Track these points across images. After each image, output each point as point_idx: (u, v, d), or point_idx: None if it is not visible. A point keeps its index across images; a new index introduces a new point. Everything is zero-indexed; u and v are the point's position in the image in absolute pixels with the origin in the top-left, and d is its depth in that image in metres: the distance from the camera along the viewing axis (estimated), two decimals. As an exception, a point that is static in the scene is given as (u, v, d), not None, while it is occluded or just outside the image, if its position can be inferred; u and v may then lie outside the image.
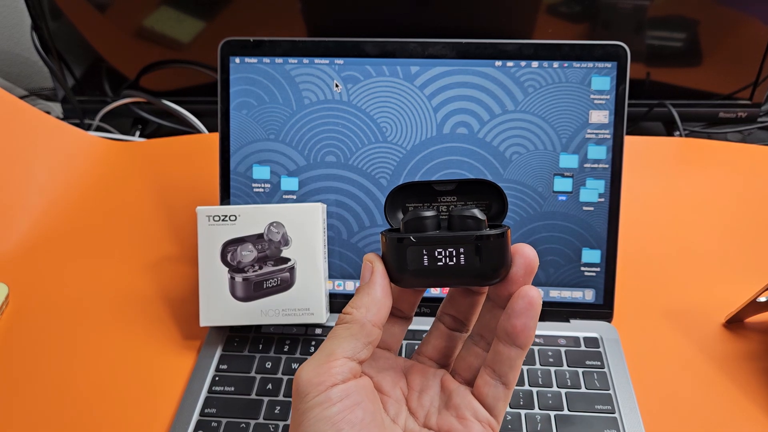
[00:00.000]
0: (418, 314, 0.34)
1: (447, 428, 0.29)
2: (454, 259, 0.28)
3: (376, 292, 0.29)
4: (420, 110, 0.49)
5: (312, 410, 0.26)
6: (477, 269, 0.28)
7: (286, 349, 0.47)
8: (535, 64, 0.48)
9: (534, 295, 0.28)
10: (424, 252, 0.28)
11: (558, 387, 0.44)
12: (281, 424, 0.42)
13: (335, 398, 0.27)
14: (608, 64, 0.47)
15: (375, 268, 0.29)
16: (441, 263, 0.28)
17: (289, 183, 0.50)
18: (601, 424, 0.41)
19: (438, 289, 0.49)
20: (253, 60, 0.49)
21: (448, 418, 0.30)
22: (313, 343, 0.48)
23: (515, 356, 0.28)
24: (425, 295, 0.49)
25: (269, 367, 0.46)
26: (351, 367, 0.28)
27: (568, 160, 0.48)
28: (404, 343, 0.47)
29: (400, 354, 0.44)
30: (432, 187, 0.31)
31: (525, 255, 0.29)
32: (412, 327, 0.39)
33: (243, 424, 0.42)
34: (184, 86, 0.74)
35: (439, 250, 0.28)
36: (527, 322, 0.28)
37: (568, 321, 0.49)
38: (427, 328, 0.34)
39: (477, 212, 0.29)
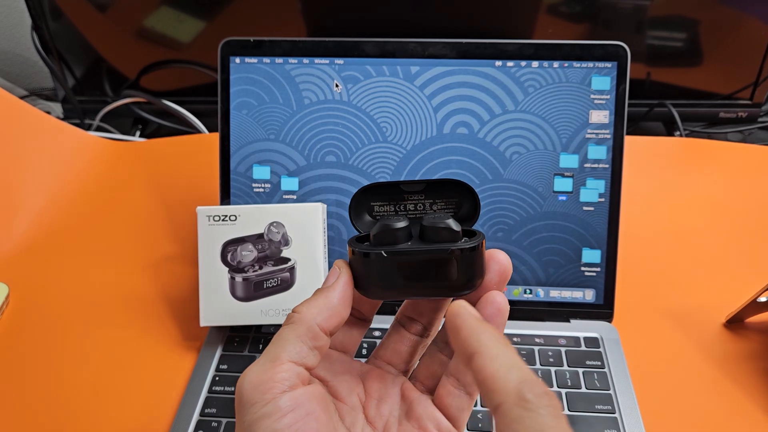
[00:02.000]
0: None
1: None
2: (427, 273, 0.26)
3: (332, 299, 0.27)
4: (420, 110, 0.49)
5: (260, 421, 0.24)
6: (451, 282, 0.26)
7: (286, 349, 0.47)
8: (535, 64, 0.48)
9: (501, 302, 0.27)
10: (395, 267, 0.26)
11: (558, 387, 0.44)
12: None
13: (285, 408, 0.24)
14: (608, 64, 0.47)
15: (341, 275, 0.27)
16: (413, 277, 0.26)
17: (290, 183, 0.50)
18: (601, 424, 0.41)
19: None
20: (254, 60, 0.49)
21: (410, 430, 0.28)
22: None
23: None
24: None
25: (269, 367, 0.46)
26: (298, 373, 0.25)
27: (569, 160, 0.48)
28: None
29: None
30: (399, 187, 0.30)
31: (500, 262, 0.27)
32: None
33: (243, 424, 0.42)
34: (184, 86, 0.74)
35: (411, 264, 0.26)
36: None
37: (569, 321, 0.49)
38: (387, 326, 0.32)
39: (452, 223, 0.27)
